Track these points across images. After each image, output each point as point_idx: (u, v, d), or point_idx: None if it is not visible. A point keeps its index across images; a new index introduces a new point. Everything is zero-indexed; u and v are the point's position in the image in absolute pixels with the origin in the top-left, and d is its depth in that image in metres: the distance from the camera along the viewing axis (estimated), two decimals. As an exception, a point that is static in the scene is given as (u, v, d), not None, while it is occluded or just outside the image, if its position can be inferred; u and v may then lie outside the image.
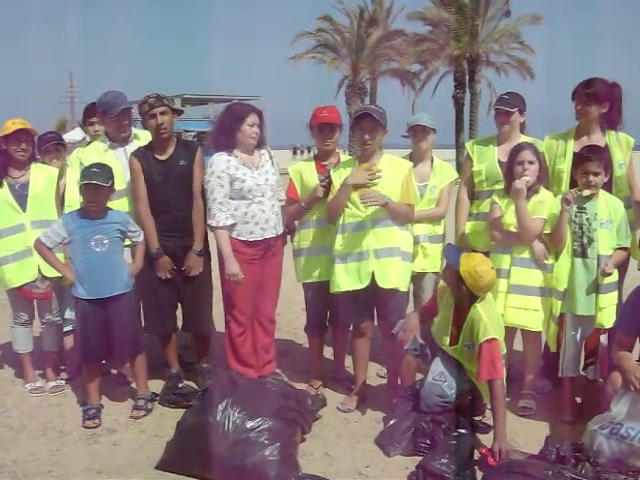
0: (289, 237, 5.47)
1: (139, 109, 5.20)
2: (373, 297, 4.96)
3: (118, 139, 5.43)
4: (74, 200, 5.21)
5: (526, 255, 4.87)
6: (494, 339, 4.30)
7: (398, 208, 4.82)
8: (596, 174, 4.67)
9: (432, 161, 5.49)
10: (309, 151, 32.02)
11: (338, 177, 4.92)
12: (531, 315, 4.88)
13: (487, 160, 5.31)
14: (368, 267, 4.83)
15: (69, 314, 5.44)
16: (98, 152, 5.37)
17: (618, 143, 5.00)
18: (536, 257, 4.85)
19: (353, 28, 38.49)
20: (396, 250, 4.86)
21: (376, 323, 5.17)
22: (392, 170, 4.89)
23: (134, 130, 5.55)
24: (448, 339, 4.59)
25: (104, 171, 4.77)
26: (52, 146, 5.79)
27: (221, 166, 4.93)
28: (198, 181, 5.21)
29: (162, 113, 5.10)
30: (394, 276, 4.86)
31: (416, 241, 5.23)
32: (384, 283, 4.84)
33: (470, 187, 5.44)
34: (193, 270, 5.22)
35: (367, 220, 4.81)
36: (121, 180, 5.24)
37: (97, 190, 4.70)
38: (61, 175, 5.52)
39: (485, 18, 36.28)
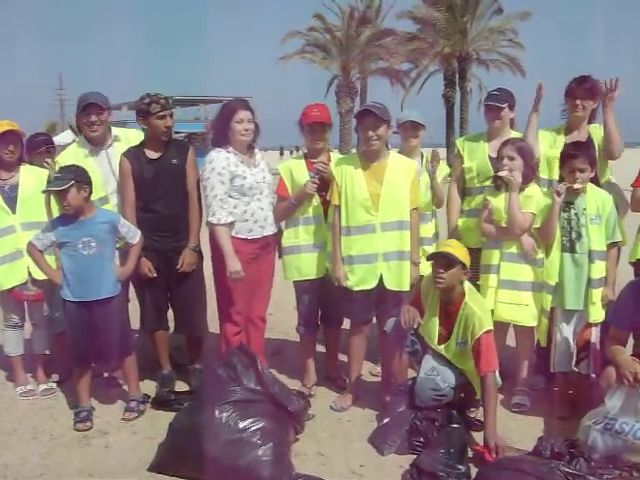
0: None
1: (142, 107, 5.12)
2: (377, 297, 4.97)
3: (97, 142, 5.34)
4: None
5: (515, 250, 4.89)
6: (491, 330, 4.34)
7: (415, 239, 4.95)
8: (582, 170, 4.69)
9: (422, 157, 5.49)
10: (297, 151, 32.03)
11: (341, 173, 4.90)
12: (522, 310, 4.89)
13: (478, 157, 5.33)
14: (376, 270, 4.86)
15: (59, 316, 5.39)
16: (78, 158, 5.24)
17: (600, 131, 5.09)
18: (525, 252, 4.85)
19: (343, 27, 38.49)
20: (407, 254, 4.90)
21: (373, 320, 5.18)
22: (401, 169, 4.93)
23: (114, 131, 5.47)
24: (436, 339, 4.59)
25: (64, 173, 4.72)
26: (44, 150, 5.74)
27: (222, 162, 4.93)
28: (192, 180, 5.21)
29: (170, 116, 5.17)
30: (402, 279, 4.91)
31: (420, 244, 5.26)
32: (393, 285, 4.89)
33: (460, 184, 5.45)
34: (189, 266, 5.19)
35: (377, 223, 4.82)
36: (101, 187, 5.23)
37: (61, 194, 4.67)
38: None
39: (474, 16, 36.36)
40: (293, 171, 5.20)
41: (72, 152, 5.39)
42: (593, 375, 4.69)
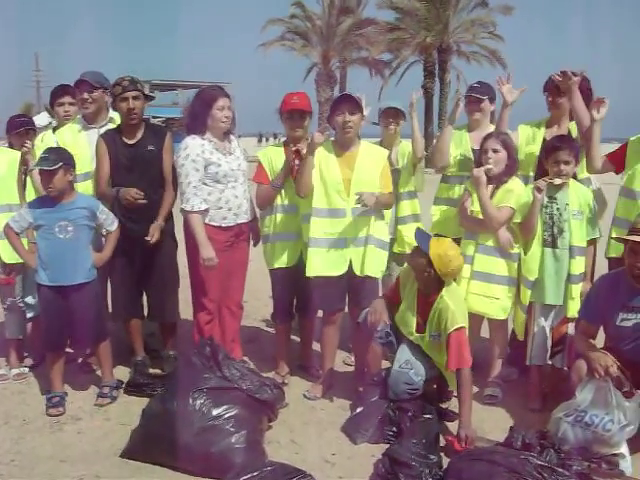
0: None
1: (110, 91, 5.11)
2: (347, 284, 4.97)
3: (90, 120, 5.39)
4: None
5: (491, 243, 4.91)
6: (463, 327, 4.33)
7: (384, 200, 4.91)
8: (567, 163, 4.72)
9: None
10: (275, 138, 31.86)
11: (316, 158, 4.87)
12: (492, 303, 4.92)
13: (462, 146, 5.41)
14: (345, 254, 4.86)
15: (32, 300, 5.35)
16: (73, 133, 5.39)
17: None
18: (501, 245, 4.87)
19: (324, 16, 38.34)
20: (371, 238, 4.90)
21: (346, 310, 5.19)
22: (371, 158, 4.94)
23: (111, 113, 5.46)
24: (413, 328, 4.60)
25: (53, 154, 4.67)
26: (23, 131, 5.66)
27: (196, 150, 4.88)
28: (168, 166, 5.17)
29: (134, 98, 5.03)
30: (370, 264, 4.91)
31: (403, 222, 5.40)
32: (360, 271, 4.89)
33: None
34: (154, 237, 5.04)
35: (347, 208, 4.83)
36: (89, 163, 5.22)
37: (47, 174, 4.61)
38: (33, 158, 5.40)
39: (456, 8, 36.36)
40: (272, 159, 5.18)
41: (68, 126, 5.50)
42: (566, 368, 4.74)
